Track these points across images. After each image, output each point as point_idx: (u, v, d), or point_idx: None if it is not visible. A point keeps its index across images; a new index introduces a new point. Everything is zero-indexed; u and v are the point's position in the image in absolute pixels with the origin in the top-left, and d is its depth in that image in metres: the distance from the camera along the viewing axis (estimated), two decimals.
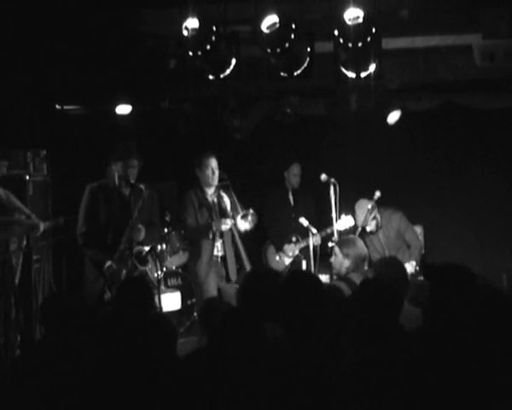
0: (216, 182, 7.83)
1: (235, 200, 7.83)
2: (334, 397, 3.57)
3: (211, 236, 7.72)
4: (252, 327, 3.92)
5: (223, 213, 7.83)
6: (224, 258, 7.84)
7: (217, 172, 7.80)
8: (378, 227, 8.51)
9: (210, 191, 7.88)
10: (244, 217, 7.66)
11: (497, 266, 9.45)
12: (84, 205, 7.08)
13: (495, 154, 9.74)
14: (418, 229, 9.23)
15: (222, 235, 7.79)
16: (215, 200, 7.88)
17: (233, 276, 7.87)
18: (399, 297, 4.42)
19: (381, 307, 4.09)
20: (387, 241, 8.50)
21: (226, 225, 7.69)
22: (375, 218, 8.45)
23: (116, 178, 7.09)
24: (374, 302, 4.11)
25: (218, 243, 7.81)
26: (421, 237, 9.24)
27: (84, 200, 7.09)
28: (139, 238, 7.04)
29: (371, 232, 8.52)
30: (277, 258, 8.92)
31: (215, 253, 7.79)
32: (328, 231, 8.11)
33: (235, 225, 7.69)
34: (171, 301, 8.55)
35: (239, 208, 7.73)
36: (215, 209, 7.86)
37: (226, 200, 7.89)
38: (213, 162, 7.80)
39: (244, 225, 7.66)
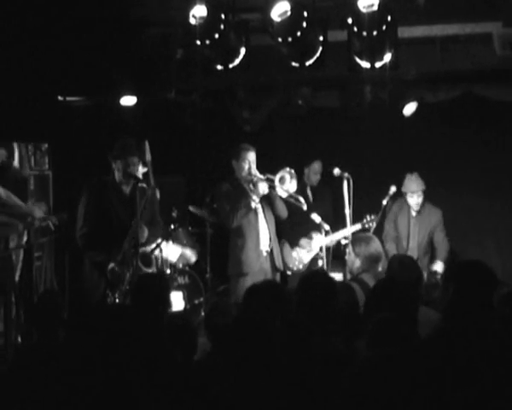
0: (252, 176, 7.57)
1: (270, 176, 7.58)
2: (348, 399, 3.56)
3: (253, 205, 7.46)
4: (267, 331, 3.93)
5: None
6: (271, 250, 7.66)
7: (254, 166, 7.61)
8: (418, 209, 8.68)
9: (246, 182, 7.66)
10: (281, 180, 7.51)
11: None
12: (83, 204, 6.94)
13: None
14: None
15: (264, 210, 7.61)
16: (251, 186, 7.60)
17: (280, 264, 7.76)
18: (413, 299, 4.43)
19: (395, 309, 4.09)
20: (418, 232, 8.59)
21: (264, 188, 7.46)
22: (424, 194, 8.66)
23: (116, 176, 7.03)
24: (387, 304, 4.12)
25: (264, 228, 7.62)
26: None
27: (83, 198, 6.96)
28: (142, 239, 6.89)
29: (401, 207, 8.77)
30: (294, 254, 8.77)
31: (262, 247, 7.60)
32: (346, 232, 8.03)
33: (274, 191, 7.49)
34: (174, 301, 8.55)
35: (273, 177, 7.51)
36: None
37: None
38: (252, 156, 7.61)
39: (285, 187, 7.50)
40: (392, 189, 8.62)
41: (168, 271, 8.56)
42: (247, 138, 8.94)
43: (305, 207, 7.70)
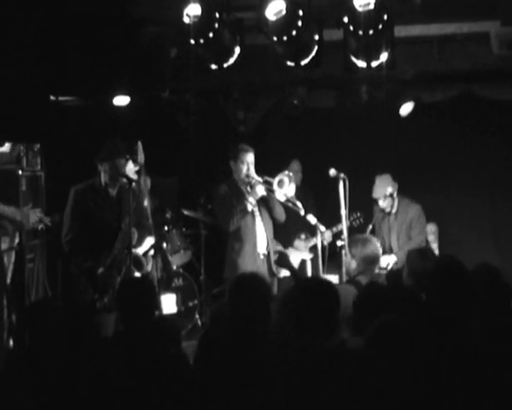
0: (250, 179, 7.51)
1: (268, 179, 7.50)
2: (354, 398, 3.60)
3: (250, 208, 7.40)
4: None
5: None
6: (268, 253, 7.62)
7: (252, 168, 7.55)
8: (391, 209, 8.57)
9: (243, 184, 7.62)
10: (280, 183, 7.44)
11: None
12: (68, 210, 6.91)
13: None
14: (432, 227, 9.24)
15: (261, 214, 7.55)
16: (248, 188, 7.53)
17: (275, 268, 7.67)
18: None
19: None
20: (399, 229, 8.55)
21: (261, 191, 7.40)
22: (391, 197, 8.51)
23: (103, 178, 6.99)
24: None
25: (261, 231, 7.56)
26: (434, 236, 9.26)
27: (69, 204, 6.91)
28: (133, 241, 6.82)
29: (383, 211, 8.66)
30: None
31: (259, 250, 7.55)
32: (339, 227, 8.06)
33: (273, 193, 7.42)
34: (166, 304, 8.54)
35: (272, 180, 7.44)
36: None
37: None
38: (250, 157, 7.54)
39: (284, 191, 7.42)
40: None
41: (160, 273, 8.55)
42: (242, 139, 8.96)
43: (302, 213, 7.67)
